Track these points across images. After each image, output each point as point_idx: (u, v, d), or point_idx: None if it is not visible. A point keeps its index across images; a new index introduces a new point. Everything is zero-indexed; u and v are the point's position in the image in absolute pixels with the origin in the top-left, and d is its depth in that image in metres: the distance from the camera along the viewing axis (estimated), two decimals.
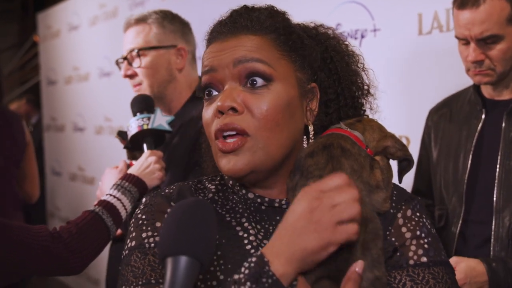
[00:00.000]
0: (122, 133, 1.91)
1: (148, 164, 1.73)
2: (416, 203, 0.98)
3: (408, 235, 0.93)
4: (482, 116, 1.81)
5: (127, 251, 0.96)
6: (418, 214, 0.96)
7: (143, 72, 1.92)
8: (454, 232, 1.81)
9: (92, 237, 1.54)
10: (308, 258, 0.80)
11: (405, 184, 1.03)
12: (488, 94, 1.82)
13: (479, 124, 1.80)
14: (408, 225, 0.95)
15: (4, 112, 2.96)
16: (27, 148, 3.03)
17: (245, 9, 1.00)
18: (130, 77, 1.96)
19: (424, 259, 0.91)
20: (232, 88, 0.94)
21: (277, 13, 1.01)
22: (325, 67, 1.04)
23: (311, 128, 1.00)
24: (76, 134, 5.05)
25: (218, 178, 1.06)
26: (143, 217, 0.98)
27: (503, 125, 1.74)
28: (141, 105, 1.84)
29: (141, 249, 0.94)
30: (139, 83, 1.94)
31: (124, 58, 1.95)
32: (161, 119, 1.80)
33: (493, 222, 1.70)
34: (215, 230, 0.78)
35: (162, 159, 1.79)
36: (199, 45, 1.48)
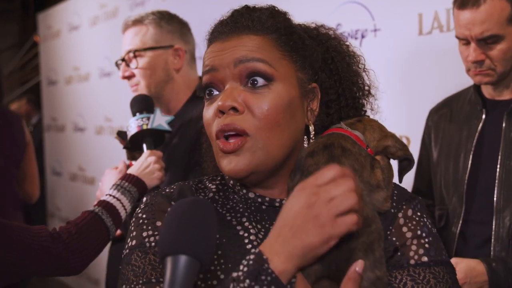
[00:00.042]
0: (122, 133, 1.90)
1: (148, 164, 1.73)
2: (417, 203, 0.98)
3: (409, 235, 0.93)
4: (483, 116, 1.81)
5: (128, 250, 0.96)
6: (419, 214, 0.96)
7: (140, 73, 1.93)
8: (455, 232, 1.81)
9: (92, 237, 1.54)
10: (309, 254, 0.80)
11: (405, 184, 1.03)
12: (489, 94, 1.82)
13: (480, 124, 1.80)
14: (409, 225, 0.94)
15: (4, 112, 2.96)
16: (27, 148, 3.03)
17: (247, 9, 1.00)
18: (128, 78, 1.97)
19: (425, 259, 0.91)
20: (233, 88, 0.94)
21: (278, 13, 1.01)
22: (326, 68, 1.04)
23: (312, 128, 1.00)
24: (77, 134, 5.05)
25: (219, 178, 1.06)
26: (144, 216, 0.98)
27: (504, 125, 1.74)
28: (141, 105, 1.84)
29: (142, 248, 0.94)
30: (137, 84, 1.95)
31: (122, 60, 1.96)
32: (161, 119, 1.80)
33: (494, 222, 1.70)
34: (215, 229, 0.77)
35: (162, 159, 1.79)
36: (200, 45, 1.48)
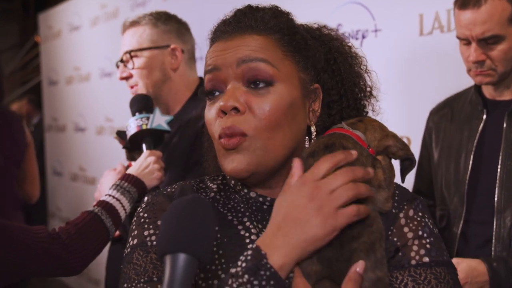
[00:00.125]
0: (121, 133, 1.90)
1: (147, 164, 1.73)
2: (419, 203, 0.98)
3: (410, 235, 0.93)
4: (483, 117, 1.80)
5: (129, 249, 0.96)
6: (420, 214, 0.96)
7: (138, 73, 1.93)
8: (456, 233, 1.80)
9: (91, 238, 1.54)
10: (311, 246, 0.82)
11: (406, 185, 1.03)
12: (489, 95, 1.82)
13: (480, 125, 1.80)
14: (410, 225, 0.94)
15: (5, 112, 2.96)
16: (28, 149, 3.03)
17: (250, 9, 1.00)
18: (126, 79, 1.97)
19: (426, 259, 0.91)
20: (235, 88, 0.94)
21: (281, 14, 1.01)
22: (329, 68, 1.04)
23: (314, 129, 1.00)
24: (77, 134, 5.05)
25: (220, 178, 1.06)
26: (145, 216, 0.99)
27: (504, 126, 1.74)
28: (140, 105, 1.84)
29: (143, 247, 0.94)
30: (135, 85, 1.95)
31: (121, 61, 1.96)
32: (160, 119, 1.80)
33: (494, 223, 1.70)
34: (214, 228, 0.78)
35: (161, 159, 1.79)
36: (201, 45, 1.48)
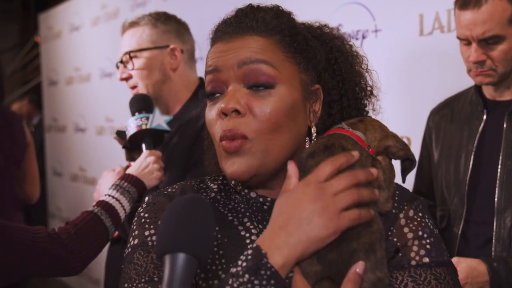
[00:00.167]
0: (121, 133, 1.90)
1: (147, 164, 1.73)
2: (419, 203, 0.97)
3: (410, 236, 0.93)
4: (484, 117, 1.80)
5: (130, 249, 0.96)
6: (421, 215, 0.96)
7: (137, 74, 1.93)
8: (456, 233, 1.80)
9: (91, 238, 1.54)
10: (312, 247, 0.82)
11: (406, 185, 1.03)
12: (490, 95, 1.82)
13: (481, 125, 1.80)
14: (410, 225, 0.94)
15: (5, 112, 2.95)
16: (28, 149, 3.02)
17: (251, 9, 0.99)
18: (126, 80, 1.97)
19: (426, 260, 0.91)
20: (236, 90, 0.94)
21: (283, 14, 1.00)
22: (330, 68, 1.04)
23: (314, 130, 1.00)
24: (78, 135, 5.05)
25: (221, 178, 1.06)
26: (146, 216, 0.99)
27: (505, 126, 1.74)
28: (140, 105, 1.84)
29: (144, 247, 0.94)
30: (135, 85, 1.95)
31: (121, 62, 1.96)
32: (160, 119, 1.80)
33: (495, 223, 1.70)
34: (214, 227, 0.78)
35: (161, 159, 1.79)
36: (201, 45, 1.48)
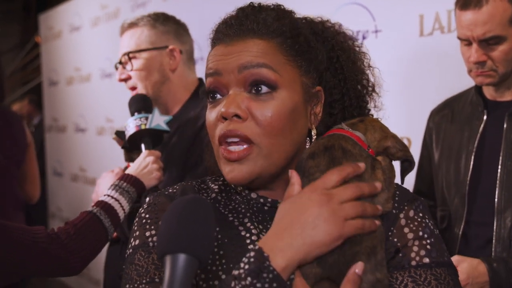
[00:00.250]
0: (120, 133, 1.90)
1: (146, 164, 1.73)
2: (419, 204, 0.97)
3: (411, 236, 0.93)
4: (484, 117, 1.80)
5: (131, 250, 0.96)
6: (421, 215, 0.96)
7: (136, 75, 1.93)
8: (457, 233, 1.80)
9: (90, 238, 1.54)
10: (315, 252, 0.82)
11: (406, 185, 1.02)
12: (490, 95, 1.82)
13: (481, 125, 1.80)
14: (411, 226, 0.94)
15: (5, 113, 2.96)
16: (28, 149, 3.02)
17: (252, 9, 0.98)
18: (125, 81, 1.97)
19: (427, 260, 0.90)
20: (237, 94, 0.93)
21: (284, 14, 0.99)
22: (331, 67, 1.03)
23: (314, 132, 0.99)
24: (78, 135, 5.05)
25: (221, 179, 1.06)
26: (147, 216, 0.99)
27: (505, 126, 1.74)
28: (139, 105, 1.84)
29: (145, 248, 0.94)
30: (134, 86, 1.95)
31: (120, 63, 1.96)
32: (159, 119, 1.80)
33: (495, 223, 1.70)
34: (214, 228, 0.78)
35: (160, 159, 1.79)
36: (201, 45, 1.48)
